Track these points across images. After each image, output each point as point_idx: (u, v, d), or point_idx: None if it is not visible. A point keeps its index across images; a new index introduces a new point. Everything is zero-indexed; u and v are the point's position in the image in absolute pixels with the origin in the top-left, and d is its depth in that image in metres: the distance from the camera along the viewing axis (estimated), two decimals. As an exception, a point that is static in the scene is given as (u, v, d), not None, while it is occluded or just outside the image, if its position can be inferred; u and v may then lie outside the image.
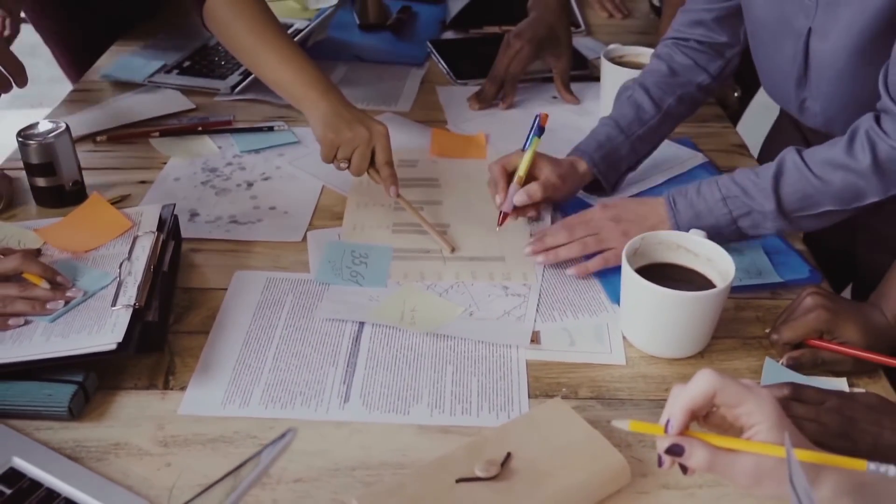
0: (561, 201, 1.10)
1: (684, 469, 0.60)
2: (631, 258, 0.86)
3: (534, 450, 0.71)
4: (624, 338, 0.88)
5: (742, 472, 0.57)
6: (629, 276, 0.84)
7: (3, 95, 1.01)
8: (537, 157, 1.05)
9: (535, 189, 1.02)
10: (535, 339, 0.88)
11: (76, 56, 1.58)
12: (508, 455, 0.70)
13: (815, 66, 0.97)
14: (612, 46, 1.36)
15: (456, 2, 1.71)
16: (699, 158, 1.21)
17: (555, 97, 1.40)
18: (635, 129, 1.09)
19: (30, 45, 1.33)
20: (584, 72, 1.47)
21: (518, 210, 1.03)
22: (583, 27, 1.68)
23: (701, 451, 0.58)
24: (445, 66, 1.50)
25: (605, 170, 1.09)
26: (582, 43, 1.60)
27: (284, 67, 1.08)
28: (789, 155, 0.92)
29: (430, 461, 0.71)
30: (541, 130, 1.07)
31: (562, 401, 0.77)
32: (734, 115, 1.52)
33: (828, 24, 0.92)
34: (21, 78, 0.99)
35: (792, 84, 1.02)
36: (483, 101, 1.36)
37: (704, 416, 0.61)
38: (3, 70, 0.97)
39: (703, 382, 0.58)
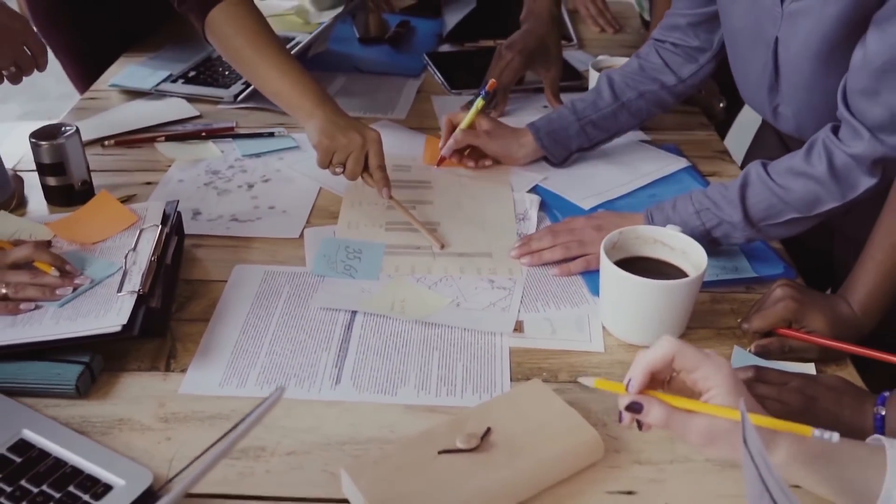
0: (512, 165, 1.24)
1: (640, 425, 0.64)
2: (609, 251, 0.90)
3: (512, 425, 0.76)
4: (603, 327, 0.93)
5: (696, 432, 0.62)
6: (607, 268, 0.88)
7: (16, 111, 1.07)
8: (482, 117, 1.23)
9: (459, 135, 1.22)
10: (519, 328, 0.92)
11: (85, 67, 1.64)
12: (488, 430, 0.75)
13: (784, 73, 1.02)
14: (600, 57, 1.42)
15: (452, 16, 1.77)
16: (683, 163, 1.26)
17: (545, 106, 1.45)
18: (588, 114, 1.20)
19: None
20: (577, 82, 1.52)
21: (455, 155, 1.24)
22: (575, 41, 1.74)
23: (658, 409, 0.62)
24: (440, 77, 1.56)
25: (550, 144, 1.22)
26: (574, 56, 1.66)
27: (282, 79, 1.14)
28: (754, 168, 0.97)
29: (414, 435, 0.75)
30: (487, 94, 1.25)
31: (540, 382, 0.81)
32: (721, 126, 1.57)
33: (791, 33, 0.97)
34: (43, 59, 1.07)
35: (765, 91, 1.07)
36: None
37: (668, 382, 0.66)
38: (28, 51, 1.04)
39: (663, 346, 0.63)
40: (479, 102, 1.23)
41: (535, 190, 1.20)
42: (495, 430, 0.75)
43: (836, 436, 0.58)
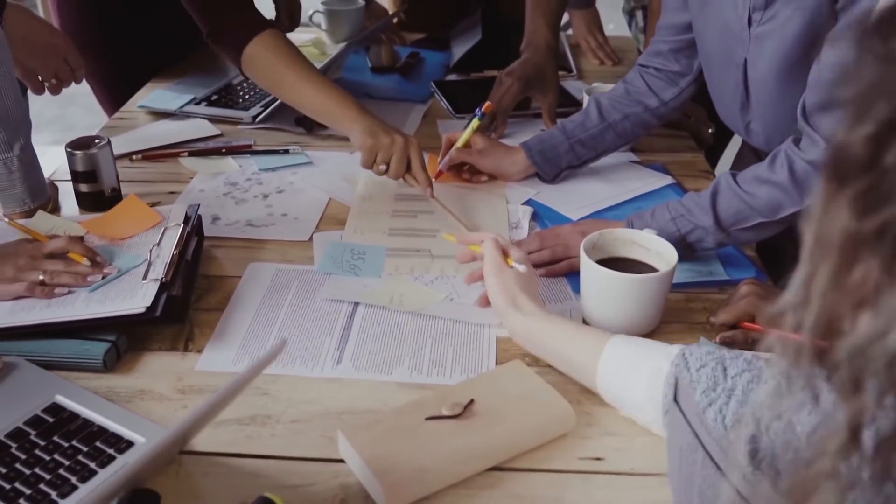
0: (506, 181, 1.33)
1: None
2: (589, 251, 0.99)
3: (493, 398, 0.84)
4: (584, 321, 1.01)
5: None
6: (587, 265, 0.97)
7: (47, 139, 1.19)
8: (477, 135, 1.31)
9: (455, 153, 1.30)
10: (506, 320, 1.01)
11: (115, 91, 1.76)
12: (472, 401, 0.83)
13: (753, 91, 1.11)
14: (594, 84, 1.52)
15: (459, 48, 1.88)
16: (668, 180, 1.35)
17: (543, 129, 1.55)
18: (577, 134, 1.29)
19: (68, 94, 1.50)
20: (574, 109, 1.62)
21: (452, 170, 1.33)
22: (575, 72, 1.85)
23: (490, 243, 0.97)
24: (446, 103, 1.66)
25: (542, 161, 1.31)
26: (574, 86, 1.76)
27: (324, 96, 1.25)
28: (724, 177, 1.07)
29: (404, 404, 0.84)
30: (483, 115, 1.34)
31: (521, 362, 0.90)
32: (710, 151, 1.66)
33: (757, 54, 1.07)
34: (80, 73, 1.19)
35: (737, 109, 1.16)
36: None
37: None
38: (67, 65, 1.15)
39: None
40: (475, 122, 1.33)
41: (528, 202, 1.29)
42: (478, 402, 0.83)
43: (522, 267, 0.94)
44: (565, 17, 2.00)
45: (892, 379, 0.32)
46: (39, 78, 1.35)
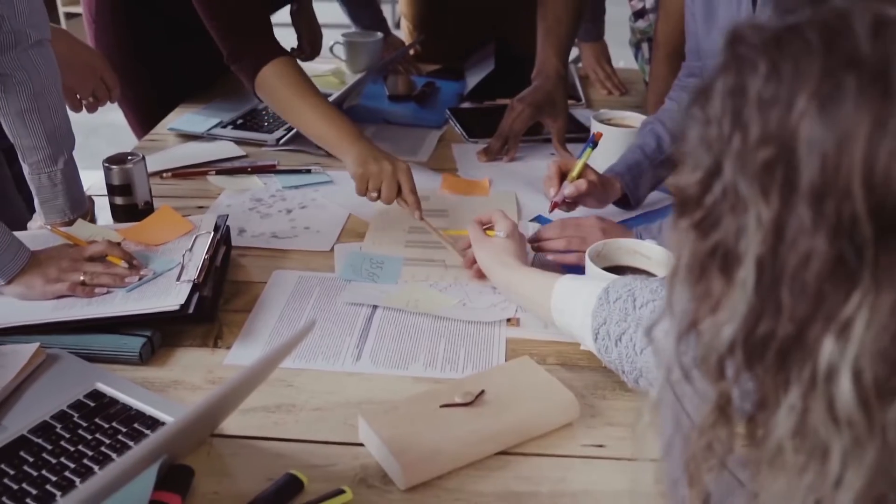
0: (595, 208, 1.31)
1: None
2: (594, 259, 1.05)
3: (503, 389, 0.90)
4: (589, 325, 1.07)
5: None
6: (591, 270, 1.03)
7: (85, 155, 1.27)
8: (588, 168, 1.29)
9: (582, 184, 1.26)
10: (515, 322, 1.07)
11: (145, 114, 1.84)
12: (482, 391, 0.89)
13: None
14: (601, 111, 1.59)
15: (473, 78, 1.96)
16: (670, 198, 1.41)
17: (552, 153, 1.62)
18: (657, 156, 1.33)
19: (92, 125, 1.58)
20: (583, 134, 1.69)
21: (566, 202, 1.29)
22: (583, 101, 1.92)
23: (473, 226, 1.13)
24: (460, 128, 1.74)
25: (634, 188, 1.32)
26: (582, 114, 1.83)
27: (324, 122, 1.33)
28: None
29: (419, 392, 0.90)
30: (594, 144, 1.32)
31: (529, 358, 0.96)
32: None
33: None
34: (115, 92, 1.27)
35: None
36: (490, 154, 1.59)
37: None
38: (104, 83, 1.23)
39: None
40: (589, 151, 1.32)
41: (537, 219, 1.36)
42: (488, 392, 0.89)
43: (502, 233, 1.10)
44: (575, 52, 2.09)
45: (741, 360, 0.40)
46: (78, 96, 1.43)
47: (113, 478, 0.60)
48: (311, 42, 2.01)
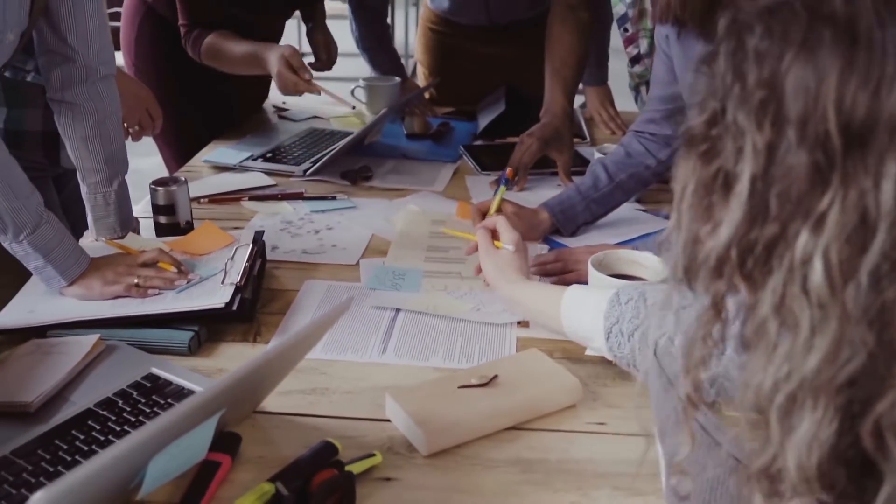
0: (532, 240, 1.45)
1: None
2: (597, 267, 1.17)
3: (514, 373, 1.01)
4: (592, 327, 1.18)
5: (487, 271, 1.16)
6: (593, 275, 1.15)
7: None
8: (505, 202, 1.44)
9: (495, 219, 1.35)
10: (525, 324, 1.18)
11: (180, 149, 1.99)
12: (496, 375, 1.00)
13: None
14: (604, 145, 1.73)
15: (485, 118, 2.10)
16: (668, 223, 1.53)
17: (559, 185, 1.75)
18: (591, 194, 1.46)
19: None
20: (587, 168, 1.82)
21: None
22: (588, 139, 2.06)
23: (482, 233, 1.20)
24: (473, 163, 1.87)
25: (563, 220, 1.47)
26: (587, 151, 1.96)
27: (248, 47, 1.78)
28: None
29: (440, 376, 1.01)
30: (507, 181, 1.50)
31: (537, 350, 1.07)
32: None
33: None
34: (158, 122, 1.42)
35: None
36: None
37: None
38: (149, 114, 1.38)
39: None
40: (502, 189, 1.48)
41: (545, 241, 1.48)
42: (501, 376, 1.00)
43: (511, 247, 1.16)
44: (581, 98, 2.24)
45: (735, 259, 0.51)
46: (125, 125, 1.57)
47: (181, 415, 0.71)
48: (327, 52, 2.15)
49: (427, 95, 2.27)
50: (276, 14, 2.04)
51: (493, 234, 1.21)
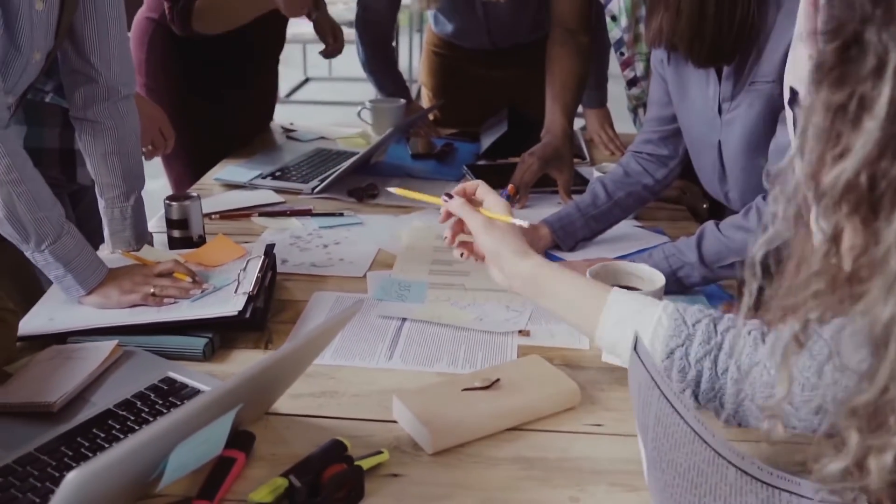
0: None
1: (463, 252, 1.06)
2: (594, 278, 1.22)
3: (515, 377, 1.05)
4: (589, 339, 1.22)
5: (485, 248, 1.01)
6: (591, 286, 1.19)
7: None
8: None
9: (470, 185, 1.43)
10: (526, 333, 1.23)
11: (190, 168, 2.04)
12: (498, 379, 1.04)
13: (728, 167, 1.37)
14: (603, 164, 1.78)
15: (487, 139, 2.16)
16: (664, 239, 1.58)
17: (559, 202, 1.80)
18: (590, 211, 1.52)
19: None
20: (585, 187, 1.87)
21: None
22: (588, 159, 2.11)
23: (457, 200, 1.05)
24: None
25: (563, 236, 1.51)
26: (586, 170, 2.02)
27: None
28: (709, 224, 1.31)
29: (444, 380, 1.05)
30: (507, 196, 1.54)
31: (538, 356, 1.11)
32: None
33: (728, 136, 1.33)
34: (171, 142, 1.48)
35: (717, 181, 1.41)
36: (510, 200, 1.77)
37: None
38: (162, 134, 1.43)
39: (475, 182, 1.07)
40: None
41: (546, 255, 1.53)
42: (502, 380, 1.04)
43: (525, 222, 1.00)
44: (582, 121, 2.30)
45: (862, 193, 0.50)
46: None
47: (202, 406, 0.76)
48: (334, 37, 2.22)
49: (431, 117, 2.33)
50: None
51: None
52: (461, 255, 1.07)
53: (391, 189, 1.16)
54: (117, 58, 1.30)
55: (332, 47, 2.18)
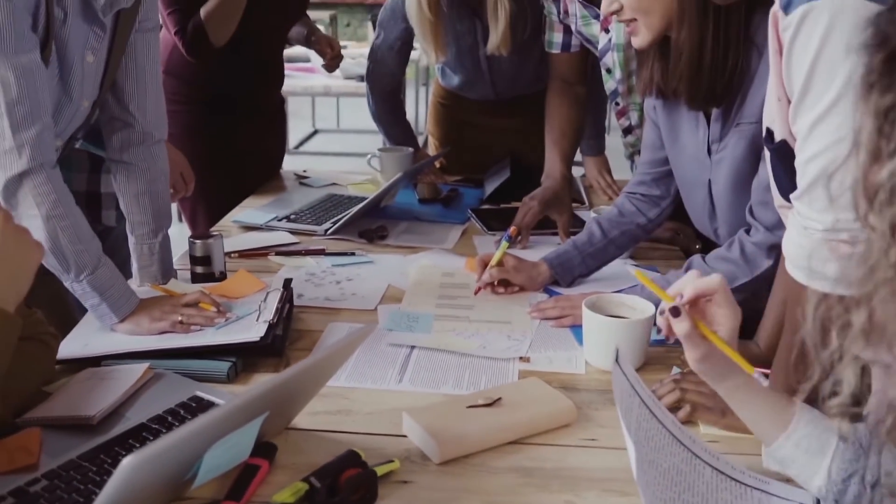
0: (532, 290, 1.59)
1: (668, 335, 0.91)
2: (591, 308, 1.31)
3: (516, 396, 1.14)
4: (586, 362, 1.32)
5: (700, 352, 0.90)
6: (588, 315, 1.29)
7: None
8: (508, 255, 1.57)
9: (494, 272, 1.54)
10: (526, 360, 1.32)
11: (208, 211, 2.16)
12: (500, 398, 1.13)
13: (717, 204, 1.47)
14: (600, 207, 1.88)
15: (491, 184, 2.27)
16: (657, 275, 1.68)
17: (558, 243, 1.90)
18: (587, 249, 1.61)
19: None
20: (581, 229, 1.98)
21: (488, 285, 1.56)
22: (587, 203, 2.22)
23: (686, 324, 0.88)
24: (480, 223, 2.03)
25: (561, 272, 1.61)
26: (585, 214, 2.12)
27: None
28: (696, 257, 1.40)
29: (450, 399, 1.14)
30: (510, 238, 1.63)
31: (537, 378, 1.20)
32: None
33: (717, 175, 1.43)
34: (191, 185, 1.59)
35: (707, 219, 1.51)
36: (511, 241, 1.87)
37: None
38: (183, 178, 1.55)
39: (716, 279, 0.90)
40: (504, 245, 1.63)
41: (545, 290, 1.62)
42: (504, 398, 1.13)
43: (764, 381, 0.88)
44: (582, 169, 2.42)
45: None
46: None
47: (235, 409, 0.85)
48: (331, 47, 2.38)
49: (437, 164, 2.45)
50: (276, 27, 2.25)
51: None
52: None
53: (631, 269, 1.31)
54: (152, 106, 1.43)
55: (332, 58, 2.32)
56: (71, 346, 1.28)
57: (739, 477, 0.87)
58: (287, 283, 1.46)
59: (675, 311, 0.90)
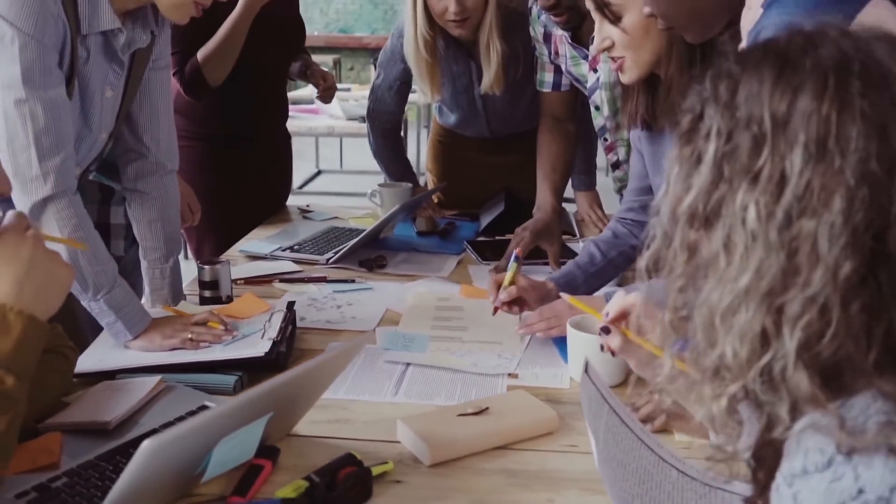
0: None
1: (612, 352, 1.05)
2: (575, 327, 1.40)
3: (503, 406, 1.22)
4: (570, 378, 1.40)
5: (636, 359, 1.03)
6: (572, 333, 1.37)
7: None
8: (519, 276, 1.64)
9: (511, 290, 1.60)
10: (514, 376, 1.40)
11: (214, 245, 2.25)
12: (488, 408, 1.21)
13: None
14: (589, 237, 1.98)
15: (486, 217, 2.37)
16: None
17: (550, 272, 1.99)
18: (589, 269, 1.69)
19: None
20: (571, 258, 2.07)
21: (504, 304, 1.60)
22: (578, 236, 2.32)
23: (617, 338, 1.03)
24: (475, 254, 2.13)
25: (567, 291, 1.64)
26: (576, 246, 2.22)
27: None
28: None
29: (442, 407, 1.22)
30: (518, 259, 1.68)
31: (523, 391, 1.28)
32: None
33: None
34: (197, 216, 1.68)
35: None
36: (499, 272, 1.96)
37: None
38: (189, 209, 1.64)
39: (633, 296, 1.05)
40: (514, 265, 1.67)
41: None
42: (492, 408, 1.21)
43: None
44: (574, 207, 2.52)
45: (701, 217, 0.71)
46: None
47: (242, 403, 0.93)
48: (324, 79, 2.49)
49: (435, 199, 2.55)
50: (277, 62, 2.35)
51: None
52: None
53: (564, 295, 1.35)
54: (165, 137, 1.53)
55: (326, 89, 2.44)
56: (87, 362, 1.37)
57: (703, 478, 0.94)
58: (290, 306, 1.55)
59: (606, 329, 1.05)
